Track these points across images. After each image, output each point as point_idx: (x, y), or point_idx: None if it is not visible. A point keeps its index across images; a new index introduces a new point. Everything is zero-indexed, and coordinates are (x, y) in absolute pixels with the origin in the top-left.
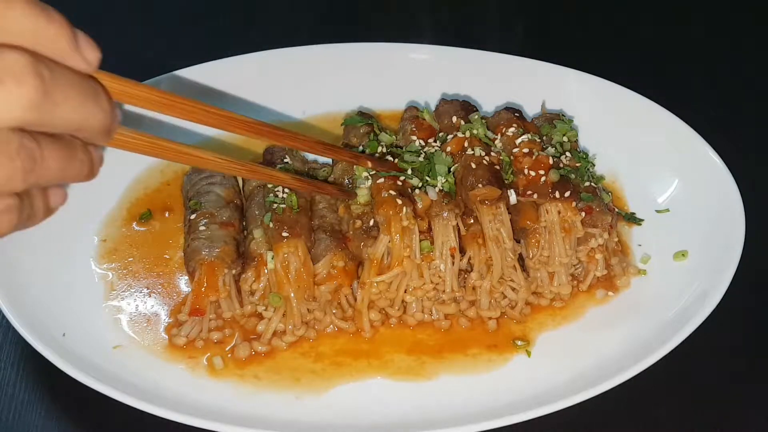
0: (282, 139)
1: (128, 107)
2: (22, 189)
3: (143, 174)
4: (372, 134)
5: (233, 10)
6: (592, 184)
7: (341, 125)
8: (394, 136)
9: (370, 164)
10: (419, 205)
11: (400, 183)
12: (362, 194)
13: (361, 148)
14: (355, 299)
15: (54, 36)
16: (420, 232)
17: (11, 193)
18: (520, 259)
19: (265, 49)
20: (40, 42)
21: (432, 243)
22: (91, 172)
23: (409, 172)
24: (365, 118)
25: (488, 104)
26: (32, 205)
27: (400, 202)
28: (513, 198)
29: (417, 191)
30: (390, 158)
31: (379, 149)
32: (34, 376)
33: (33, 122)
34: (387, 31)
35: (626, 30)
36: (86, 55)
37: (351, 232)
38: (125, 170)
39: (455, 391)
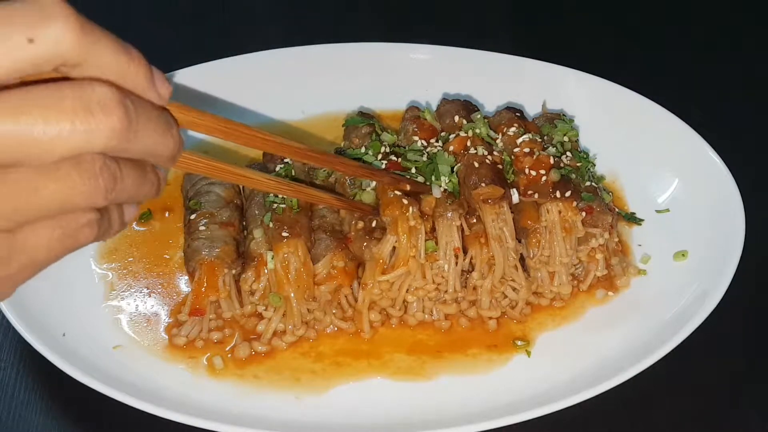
0: (328, 164)
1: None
2: (103, 205)
3: None
4: (374, 134)
5: (233, 9)
6: (593, 183)
7: (342, 126)
8: (395, 136)
9: (408, 187)
10: (424, 206)
11: None
12: (367, 196)
13: (363, 149)
14: (356, 299)
15: (134, 72)
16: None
17: (93, 208)
18: (521, 258)
19: (265, 49)
20: (123, 77)
21: (436, 243)
22: (158, 191)
23: (413, 171)
24: (366, 118)
25: (489, 104)
26: (109, 220)
27: (406, 201)
28: (515, 197)
29: None
30: (394, 158)
31: (383, 149)
32: (34, 376)
33: (116, 148)
34: (387, 31)
35: (626, 30)
36: (160, 89)
37: (353, 233)
38: None
39: (455, 391)
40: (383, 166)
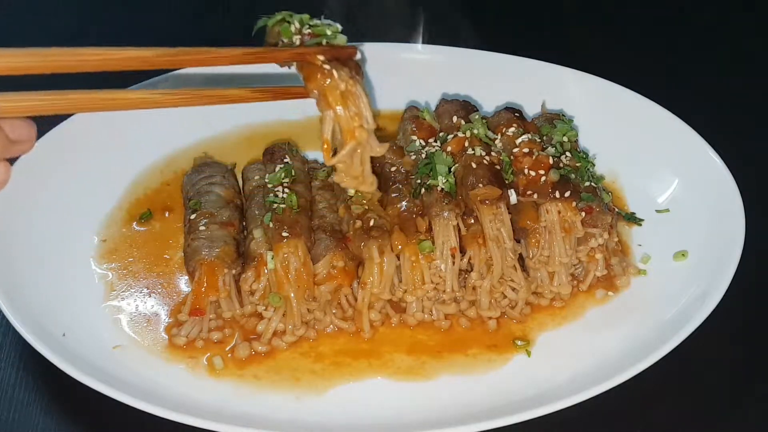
0: (197, 63)
1: None
2: None
3: (143, 174)
4: (285, 22)
5: (232, 9)
6: (592, 184)
7: (253, 34)
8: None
9: (322, 57)
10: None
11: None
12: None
13: (279, 43)
14: (356, 299)
15: None
16: (420, 231)
17: None
18: (520, 259)
19: None
20: None
21: (433, 243)
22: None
23: (329, 33)
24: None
25: (488, 104)
26: None
27: (328, 67)
28: (513, 198)
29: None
30: (308, 35)
31: (293, 28)
32: (34, 376)
33: None
34: (387, 31)
35: (626, 30)
36: None
37: (351, 233)
38: (125, 170)
39: (455, 391)
40: (297, 42)
